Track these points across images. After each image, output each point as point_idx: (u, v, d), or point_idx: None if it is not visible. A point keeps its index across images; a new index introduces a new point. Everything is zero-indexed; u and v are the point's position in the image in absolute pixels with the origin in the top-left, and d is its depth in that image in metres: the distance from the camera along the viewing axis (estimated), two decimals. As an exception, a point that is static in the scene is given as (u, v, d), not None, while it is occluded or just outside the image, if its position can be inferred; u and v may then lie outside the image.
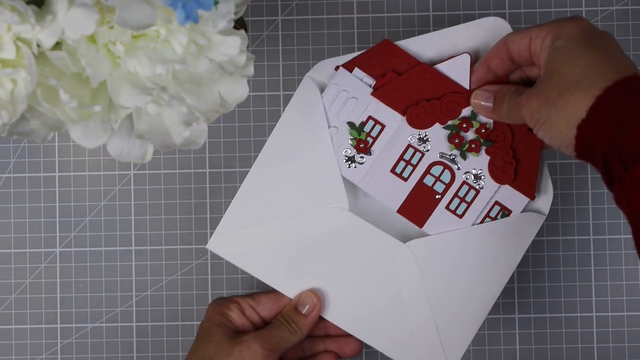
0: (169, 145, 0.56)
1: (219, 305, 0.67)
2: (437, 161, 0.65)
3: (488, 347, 0.74)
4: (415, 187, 0.65)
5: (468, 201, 0.65)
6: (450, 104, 0.64)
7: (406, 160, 0.65)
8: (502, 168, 0.65)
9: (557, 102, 0.54)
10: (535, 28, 0.58)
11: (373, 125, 0.65)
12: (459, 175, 0.65)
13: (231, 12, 0.53)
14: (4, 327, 0.75)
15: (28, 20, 0.49)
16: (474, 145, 0.65)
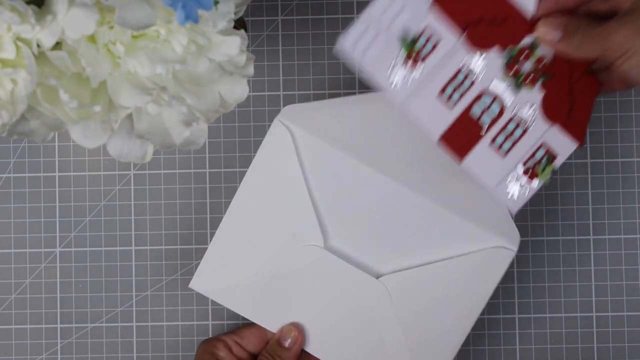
0: (169, 145, 0.56)
1: (207, 346, 0.68)
2: (488, 90, 0.60)
3: (488, 347, 0.74)
4: (461, 116, 0.60)
5: (515, 138, 0.61)
6: (512, 29, 0.59)
7: (456, 84, 0.60)
8: (555, 106, 0.60)
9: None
10: None
11: (427, 40, 0.59)
12: (509, 109, 0.60)
13: (231, 12, 0.54)
14: (3, 327, 0.75)
15: (28, 20, 0.49)
16: (530, 78, 0.60)
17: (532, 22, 0.59)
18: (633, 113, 0.75)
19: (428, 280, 0.66)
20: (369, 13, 0.60)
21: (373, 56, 0.60)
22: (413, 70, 0.60)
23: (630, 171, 0.75)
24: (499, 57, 0.60)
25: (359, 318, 0.67)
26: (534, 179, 0.61)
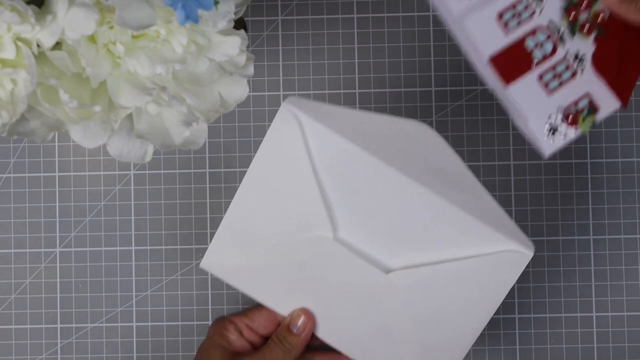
0: (169, 145, 0.56)
1: (218, 326, 0.68)
2: (545, 26, 0.59)
3: (488, 347, 0.74)
4: (515, 43, 0.60)
5: (562, 80, 0.60)
6: None
7: (515, 12, 0.59)
8: (605, 62, 0.60)
9: None
10: None
11: None
12: (561, 51, 0.60)
13: (231, 12, 0.54)
14: (3, 327, 0.75)
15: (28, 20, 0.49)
16: (587, 27, 0.59)
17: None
18: (633, 113, 0.75)
19: (440, 278, 0.65)
20: None
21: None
22: None
23: (630, 171, 0.75)
24: (558, 2, 0.59)
25: (368, 311, 0.66)
26: (572, 126, 0.60)
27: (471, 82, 0.75)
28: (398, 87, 0.75)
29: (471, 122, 0.75)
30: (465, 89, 0.75)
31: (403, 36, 0.75)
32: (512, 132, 0.75)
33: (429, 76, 0.75)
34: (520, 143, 0.75)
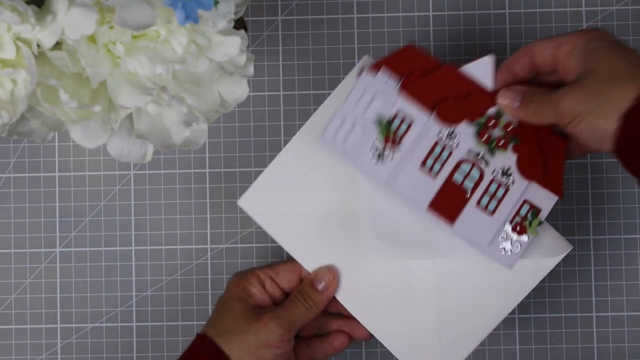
0: (169, 145, 0.56)
1: (240, 279, 0.67)
2: (466, 158, 0.64)
3: (488, 347, 0.74)
4: (445, 184, 0.64)
5: (498, 198, 0.64)
6: (476, 103, 0.63)
7: (435, 156, 0.64)
8: (529, 165, 0.64)
9: (602, 95, 0.55)
10: (562, 36, 0.60)
11: (401, 121, 0.64)
12: (488, 173, 0.64)
13: (231, 12, 0.54)
14: (4, 327, 0.75)
15: (28, 20, 0.49)
16: (502, 142, 0.64)
17: (494, 94, 0.63)
18: (633, 113, 0.75)
19: (476, 268, 0.66)
20: (343, 107, 0.64)
21: (353, 143, 0.64)
22: (393, 150, 0.64)
23: (630, 171, 0.75)
24: (470, 128, 0.64)
25: (396, 277, 0.67)
26: (523, 234, 0.64)
27: (471, 82, 0.75)
28: (398, 87, 0.75)
29: (471, 122, 0.75)
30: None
31: (403, 36, 0.75)
32: (512, 132, 0.75)
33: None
34: (520, 143, 0.75)
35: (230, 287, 0.67)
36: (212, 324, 0.66)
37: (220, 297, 0.68)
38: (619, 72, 0.55)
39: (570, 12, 0.75)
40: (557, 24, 0.75)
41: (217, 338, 0.64)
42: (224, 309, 0.66)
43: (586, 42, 0.58)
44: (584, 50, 0.58)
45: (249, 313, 0.65)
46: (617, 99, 0.54)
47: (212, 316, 0.67)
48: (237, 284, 0.67)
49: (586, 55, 0.57)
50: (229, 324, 0.65)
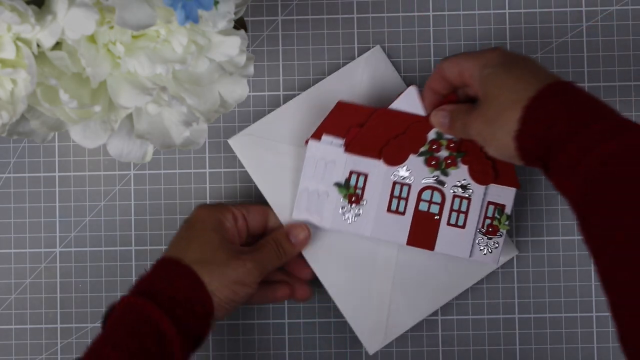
0: (169, 145, 0.56)
1: (213, 211, 0.68)
2: (424, 187, 0.70)
3: (488, 347, 0.74)
4: (414, 217, 0.70)
5: (464, 211, 0.70)
6: (416, 133, 0.69)
7: (397, 196, 0.70)
8: (481, 170, 0.69)
9: (497, 120, 0.59)
10: (463, 58, 0.63)
11: (357, 177, 0.70)
12: (448, 192, 0.70)
13: (231, 12, 0.54)
14: (4, 327, 0.75)
15: (28, 20, 0.49)
16: (450, 161, 0.69)
17: (427, 119, 0.68)
18: (633, 113, 0.75)
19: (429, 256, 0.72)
20: (302, 184, 0.70)
21: (324, 211, 0.70)
22: (358, 206, 0.70)
23: (630, 171, 0.75)
24: (418, 159, 0.69)
25: (361, 252, 0.72)
26: (496, 233, 0.70)
27: (471, 82, 0.75)
28: (398, 87, 0.75)
29: (471, 122, 0.75)
30: (465, 89, 0.75)
31: (403, 36, 0.75)
32: (512, 132, 0.75)
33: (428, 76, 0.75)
34: (520, 143, 0.75)
35: (204, 217, 0.67)
36: (183, 250, 0.65)
37: (187, 222, 0.68)
38: (507, 94, 0.59)
39: (570, 12, 0.75)
40: (557, 24, 0.75)
41: (194, 266, 0.64)
42: (198, 237, 0.66)
43: (481, 69, 0.61)
44: (480, 77, 0.61)
45: (227, 248, 0.66)
46: (507, 123, 0.58)
47: (179, 240, 0.67)
48: (211, 215, 0.67)
49: (482, 82, 0.61)
50: (208, 255, 0.65)
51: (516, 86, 0.59)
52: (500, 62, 0.61)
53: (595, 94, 0.58)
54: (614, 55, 0.75)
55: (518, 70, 0.60)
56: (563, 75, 0.75)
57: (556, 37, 0.75)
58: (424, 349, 0.74)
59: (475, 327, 0.74)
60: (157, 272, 0.64)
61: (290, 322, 0.74)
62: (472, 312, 0.74)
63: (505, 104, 0.59)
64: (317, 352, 0.74)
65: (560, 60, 0.75)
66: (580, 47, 0.75)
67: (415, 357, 0.74)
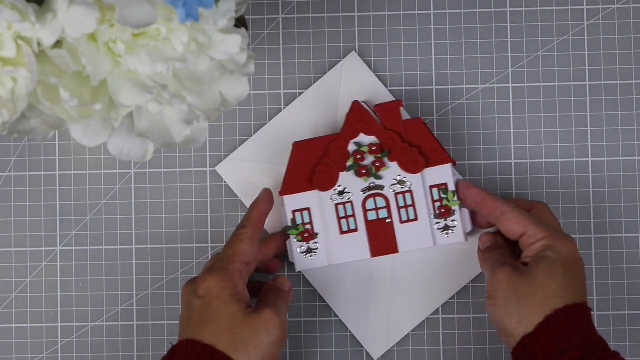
0: (170, 143, 0.56)
1: (222, 278, 0.64)
2: (365, 197, 0.71)
3: (489, 346, 0.74)
4: (368, 229, 0.71)
5: (410, 204, 0.71)
6: (336, 152, 0.71)
7: (344, 216, 0.71)
8: (410, 160, 0.70)
9: (522, 299, 0.63)
10: (532, 226, 0.66)
11: (300, 214, 0.71)
12: (388, 192, 0.71)
13: (232, 10, 0.53)
14: (4, 326, 0.75)
15: (28, 19, 0.49)
16: (378, 164, 0.71)
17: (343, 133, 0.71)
18: (634, 112, 0.75)
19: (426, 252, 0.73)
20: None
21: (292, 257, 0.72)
22: (313, 241, 0.71)
23: (632, 169, 0.75)
24: (348, 174, 0.71)
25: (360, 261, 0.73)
26: (450, 211, 0.71)
27: (472, 81, 0.75)
28: (399, 85, 0.75)
29: (472, 121, 0.75)
30: (467, 87, 0.75)
31: (404, 35, 0.75)
32: (514, 130, 0.75)
33: (430, 74, 0.75)
34: (522, 142, 0.75)
35: (218, 291, 0.64)
36: (213, 333, 0.62)
37: (201, 298, 0.64)
38: (545, 289, 0.63)
39: (572, 10, 0.75)
40: (558, 22, 0.75)
41: (231, 351, 0.62)
42: (221, 317, 0.63)
43: (544, 248, 0.65)
44: (539, 253, 0.65)
45: (250, 314, 0.63)
46: (528, 315, 0.62)
47: (201, 322, 0.63)
48: (224, 287, 0.64)
49: (539, 259, 0.64)
50: (239, 332, 0.62)
51: (557, 291, 0.63)
52: (563, 257, 0.64)
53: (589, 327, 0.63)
54: (615, 53, 0.75)
55: (569, 275, 0.64)
56: (564, 74, 0.75)
57: (557, 36, 0.75)
58: (425, 348, 0.74)
59: (477, 325, 0.74)
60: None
61: (291, 322, 0.74)
62: (474, 311, 0.74)
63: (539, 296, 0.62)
64: (318, 352, 0.74)
65: (562, 59, 0.75)
66: (581, 45, 0.75)
67: (417, 356, 0.74)
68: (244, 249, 0.66)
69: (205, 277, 0.64)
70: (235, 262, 0.65)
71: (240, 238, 0.67)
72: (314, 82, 0.75)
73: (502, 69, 0.75)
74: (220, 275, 0.64)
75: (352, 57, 0.74)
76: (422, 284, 0.73)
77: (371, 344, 0.73)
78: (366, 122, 0.71)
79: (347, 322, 0.73)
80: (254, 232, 0.67)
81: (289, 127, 0.74)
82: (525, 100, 0.75)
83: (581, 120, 0.75)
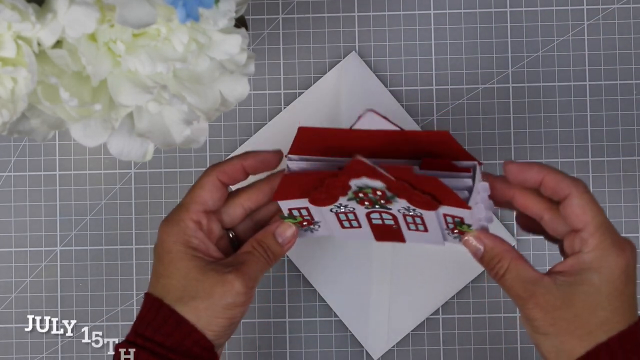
0: (170, 143, 0.56)
1: (175, 230, 0.59)
2: (369, 212, 0.59)
3: (489, 345, 0.74)
4: (372, 228, 0.61)
5: (420, 223, 0.59)
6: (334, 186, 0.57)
7: (345, 220, 0.60)
8: (422, 202, 0.57)
9: (561, 336, 0.55)
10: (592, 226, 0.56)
11: (298, 211, 0.60)
12: (397, 212, 0.58)
13: (232, 10, 0.53)
14: (4, 326, 0.75)
15: (28, 19, 0.49)
16: (384, 201, 0.57)
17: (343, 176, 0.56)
18: (635, 112, 0.75)
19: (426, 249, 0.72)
20: None
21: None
22: (313, 225, 0.61)
23: (632, 170, 0.75)
24: (349, 201, 0.58)
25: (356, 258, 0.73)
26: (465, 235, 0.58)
27: (473, 81, 0.75)
28: (399, 85, 0.75)
29: (472, 121, 0.75)
30: (467, 87, 0.75)
31: (404, 34, 0.75)
32: (514, 130, 0.75)
33: (430, 75, 0.75)
34: (522, 141, 0.75)
35: (168, 245, 0.58)
36: (163, 287, 0.58)
37: (155, 250, 0.59)
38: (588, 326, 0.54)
39: (572, 10, 0.75)
40: (558, 22, 0.75)
41: (178, 306, 0.57)
42: (172, 272, 0.58)
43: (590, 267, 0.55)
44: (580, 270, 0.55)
45: (206, 273, 0.57)
46: (566, 354, 0.54)
47: (156, 275, 0.59)
48: (175, 240, 0.58)
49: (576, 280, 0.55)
50: (189, 289, 0.57)
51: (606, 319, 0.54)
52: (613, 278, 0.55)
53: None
54: (615, 53, 0.75)
55: (622, 298, 0.55)
56: (564, 74, 0.75)
57: (557, 36, 0.75)
58: (425, 348, 0.74)
59: (477, 325, 0.74)
60: (144, 315, 0.58)
61: (291, 321, 0.74)
62: (474, 311, 0.74)
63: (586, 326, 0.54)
64: (318, 351, 0.74)
65: (562, 59, 0.75)
66: (581, 45, 0.75)
67: (417, 356, 0.74)
68: (202, 197, 0.59)
69: (160, 228, 0.59)
70: (190, 212, 0.59)
71: (200, 183, 0.59)
72: (314, 82, 0.75)
73: (502, 69, 0.75)
74: (172, 228, 0.59)
75: (352, 57, 0.74)
76: (422, 284, 0.73)
77: (371, 344, 0.73)
78: (371, 173, 0.55)
79: (347, 322, 0.73)
80: (223, 178, 0.59)
81: (289, 127, 0.73)
82: (525, 100, 0.75)
83: (581, 120, 0.75)
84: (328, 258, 0.73)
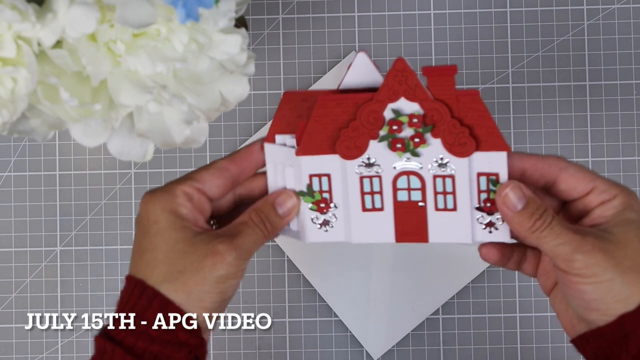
0: (170, 143, 0.56)
1: (162, 201, 0.54)
2: (397, 174, 0.56)
3: (489, 345, 0.74)
4: (395, 210, 0.57)
5: (450, 191, 0.56)
6: (368, 116, 0.55)
7: (369, 192, 0.57)
8: (457, 142, 0.55)
9: (626, 276, 0.51)
10: (601, 180, 0.54)
11: (319, 180, 0.57)
12: (426, 173, 0.56)
13: (232, 10, 0.53)
14: (4, 326, 0.75)
15: (28, 19, 0.49)
16: (418, 139, 0.55)
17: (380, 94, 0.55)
18: (635, 112, 0.75)
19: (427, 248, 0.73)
20: None
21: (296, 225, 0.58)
22: (329, 211, 0.57)
23: (632, 169, 0.75)
24: (379, 145, 0.56)
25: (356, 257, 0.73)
26: (495, 209, 0.55)
27: (472, 81, 0.75)
28: (399, 85, 0.75)
29: (472, 121, 0.75)
30: (467, 87, 0.75)
31: (404, 34, 0.75)
32: (513, 130, 0.75)
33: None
34: (522, 141, 0.75)
35: (155, 215, 0.54)
36: (146, 266, 0.53)
37: (138, 223, 0.55)
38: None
39: (572, 10, 0.75)
40: (558, 22, 0.75)
41: (163, 287, 0.52)
42: (158, 245, 0.53)
43: (624, 207, 0.53)
44: (622, 216, 0.53)
45: (196, 245, 0.53)
46: (633, 296, 0.51)
47: (138, 252, 0.54)
48: (162, 210, 0.54)
49: (626, 225, 0.52)
50: (177, 264, 0.52)
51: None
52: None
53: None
54: (615, 53, 0.75)
55: None
56: (565, 74, 0.75)
57: (557, 36, 0.75)
58: (425, 348, 0.74)
59: (477, 325, 0.74)
60: (125, 300, 0.53)
61: (291, 321, 0.75)
62: (474, 311, 0.74)
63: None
64: (318, 351, 0.74)
65: (562, 59, 0.75)
66: (581, 45, 0.75)
67: (417, 356, 0.74)
68: (202, 176, 0.55)
69: (143, 199, 0.55)
70: (183, 184, 0.55)
71: (206, 167, 0.56)
72: (314, 82, 0.75)
73: (502, 69, 0.75)
74: (159, 197, 0.54)
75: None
76: (422, 284, 0.73)
77: (371, 344, 0.73)
78: (410, 86, 0.55)
79: (347, 322, 0.74)
80: (232, 167, 0.56)
81: None
82: (525, 100, 0.75)
83: (581, 120, 0.75)
84: (328, 258, 0.73)
